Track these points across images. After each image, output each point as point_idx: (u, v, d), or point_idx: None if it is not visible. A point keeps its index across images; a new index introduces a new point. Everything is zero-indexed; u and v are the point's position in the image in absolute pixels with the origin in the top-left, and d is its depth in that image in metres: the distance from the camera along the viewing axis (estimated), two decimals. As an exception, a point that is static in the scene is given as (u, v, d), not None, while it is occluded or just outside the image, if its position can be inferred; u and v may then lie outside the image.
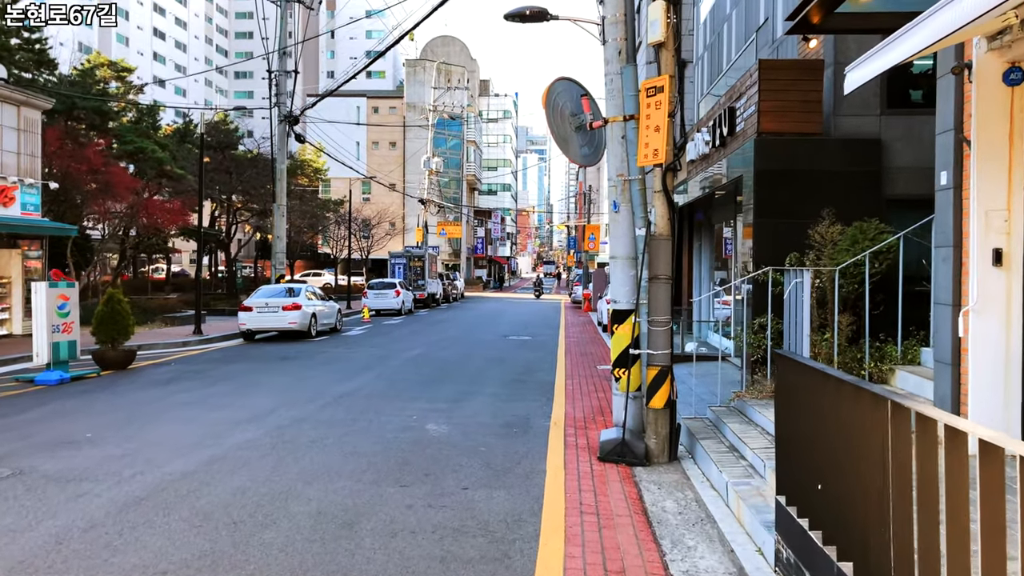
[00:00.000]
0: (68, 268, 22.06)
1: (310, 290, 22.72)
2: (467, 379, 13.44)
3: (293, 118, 26.44)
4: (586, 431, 9.18)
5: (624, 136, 9.22)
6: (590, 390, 12.42)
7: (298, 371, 14.43)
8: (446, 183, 63.54)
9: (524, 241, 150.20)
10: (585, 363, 16.22)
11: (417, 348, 18.78)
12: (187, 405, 10.66)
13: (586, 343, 20.84)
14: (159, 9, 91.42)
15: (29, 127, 19.37)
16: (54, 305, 13.48)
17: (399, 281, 34.14)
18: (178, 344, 19.28)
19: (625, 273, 9.16)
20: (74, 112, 30.12)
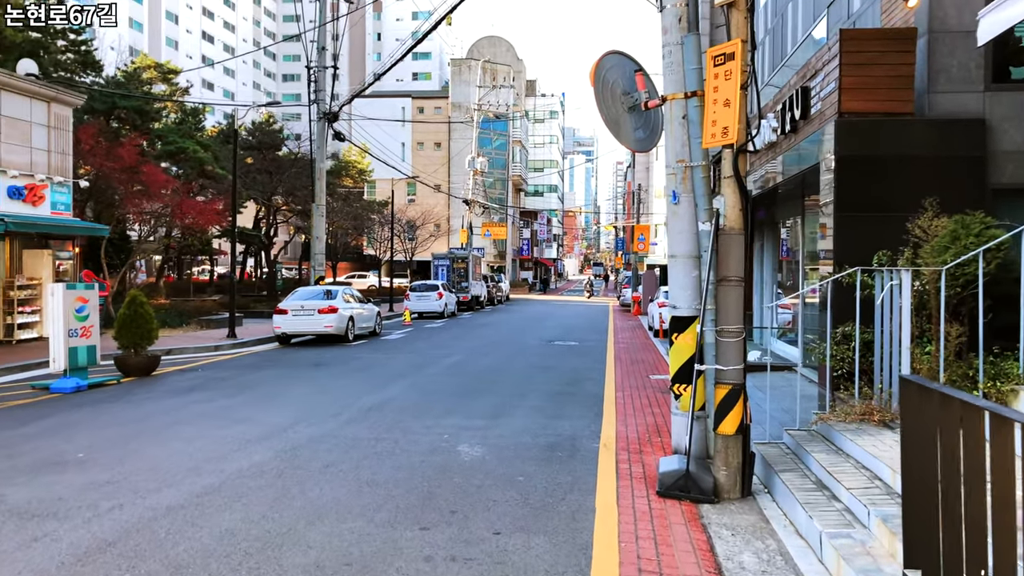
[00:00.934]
0: (101, 269, 21.53)
1: (348, 292, 21.84)
2: (507, 390, 12.31)
3: (332, 115, 25.65)
4: (641, 456, 7.98)
5: (685, 116, 8.02)
6: (643, 404, 11.19)
7: (327, 380, 13.46)
8: (491, 184, 62.55)
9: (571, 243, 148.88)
10: (637, 372, 14.97)
11: (457, 354, 17.71)
12: (200, 419, 9.72)
13: (637, 349, 19.56)
14: (208, 13, 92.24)
15: (60, 124, 18.81)
16: (72, 308, 12.71)
17: (442, 283, 33.18)
18: (210, 348, 18.51)
19: (686, 274, 7.95)
20: (115, 112, 29.81)
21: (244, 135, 43.43)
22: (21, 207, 17.46)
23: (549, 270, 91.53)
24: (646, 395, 12.11)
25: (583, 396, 11.87)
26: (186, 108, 42.60)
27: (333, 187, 48.44)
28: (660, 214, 55.40)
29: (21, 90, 17.66)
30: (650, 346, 20.61)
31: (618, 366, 15.86)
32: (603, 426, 9.48)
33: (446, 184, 59.05)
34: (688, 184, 8.05)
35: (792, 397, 10.83)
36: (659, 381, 13.77)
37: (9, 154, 17.39)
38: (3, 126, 17.27)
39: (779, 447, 7.58)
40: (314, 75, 26.26)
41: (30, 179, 17.71)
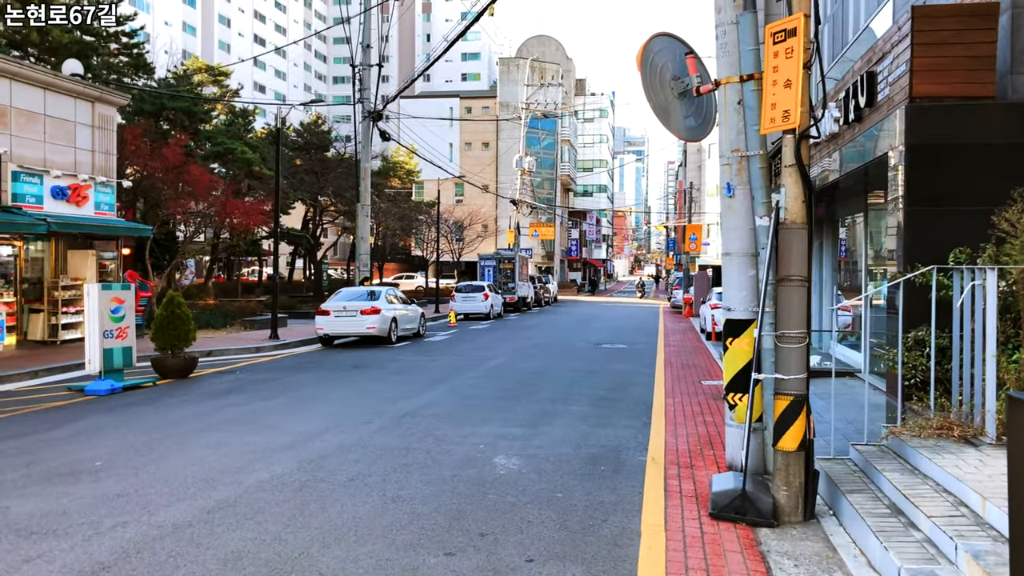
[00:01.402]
0: (147, 270, 21.54)
1: (391, 293, 21.50)
2: (550, 395, 11.73)
3: (377, 114, 25.38)
4: (692, 471, 7.34)
5: (741, 101, 7.38)
6: (695, 412, 10.51)
7: (365, 383, 13.04)
8: (539, 183, 61.95)
9: (621, 243, 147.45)
10: (688, 377, 14.26)
11: (500, 357, 17.19)
12: (229, 424, 9.35)
13: (688, 353, 18.81)
14: (259, 16, 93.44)
15: (104, 124, 18.79)
16: (107, 309, 12.51)
17: (487, 284, 32.72)
18: (251, 350, 18.30)
19: (742, 273, 7.31)
20: (163, 113, 30.00)
21: (292, 136, 43.59)
22: (65, 207, 17.46)
23: (598, 271, 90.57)
24: (697, 402, 11.42)
25: (630, 403, 11.23)
26: (235, 110, 42.92)
27: (381, 188, 48.40)
28: (712, 213, 54.20)
29: (66, 90, 17.67)
30: (702, 350, 19.83)
31: (668, 371, 15.17)
32: (651, 436, 8.86)
33: (493, 184, 58.66)
34: (744, 175, 7.41)
35: (856, 406, 10.08)
36: (711, 387, 13.06)
37: (53, 154, 17.40)
38: (47, 126, 17.28)
39: (845, 464, 6.87)
40: (359, 74, 26.05)
41: (73, 179, 17.70)
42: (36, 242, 18.49)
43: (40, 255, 18.52)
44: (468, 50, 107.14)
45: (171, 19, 75.11)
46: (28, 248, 18.41)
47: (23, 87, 16.57)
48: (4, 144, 16.07)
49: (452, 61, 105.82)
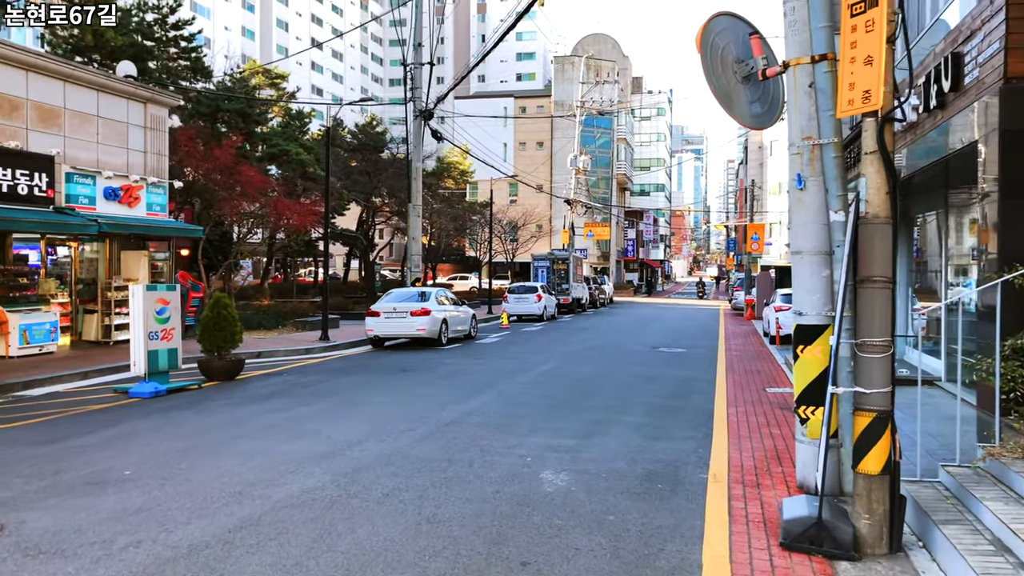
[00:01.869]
0: (199, 270, 21.54)
1: (442, 294, 21.10)
2: (604, 403, 11.12)
3: (428, 112, 25.04)
4: (759, 491, 6.66)
5: (812, 84, 6.72)
6: (760, 423, 9.79)
7: (411, 387, 12.60)
8: (594, 183, 61.12)
9: (679, 244, 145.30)
10: (751, 384, 13.49)
11: (552, 361, 16.62)
12: (267, 431, 8.98)
13: (751, 358, 17.96)
14: (316, 19, 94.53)
15: (156, 125, 18.79)
16: (152, 310, 12.32)
17: (541, 285, 32.13)
18: (300, 351, 18.08)
19: (814, 274, 6.64)
20: (218, 114, 30.20)
21: (347, 138, 43.72)
22: (117, 208, 17.47)
23: (655, 272, 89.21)
24: (762, 412, 10.68)
25: (690, 412, 10.55)
26: (291, 112, 43.26)
27: (435, 188, 48.30)
28: (775, 212, 52.69)
29: (118, 91, 17.69)
30: (765, 354, 18.95)
31: (730, 377, 14.40)
32: (713, 450, 8.19)
33: (548, 184, 58.07)
34: (816, 166, 6.75)
35: (937, 418, 9.25)
36: (777, 395, 12.28)
37: (106, 155, 17.43)
38: (100, 127, 17.31)
39: (935, 488, 6.12)
40: (411, 72, 25.75)
41: (125, 180, 17.71)
42: (90, 243, 18.59)
43: (94, 256, 18.62)
44: (523, 50, 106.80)
45: (231, 24, 76.40)
46: (83, 249, 18.52)
47: (77, 89, 16.61)
48: (58, 145, 16.12)
49: (507, 61, 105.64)
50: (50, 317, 16.05)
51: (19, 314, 15.35)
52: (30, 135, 15.66)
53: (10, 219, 14.32)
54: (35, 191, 15.30)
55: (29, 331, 15.52)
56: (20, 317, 15.34)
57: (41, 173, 15.42)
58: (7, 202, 14.69)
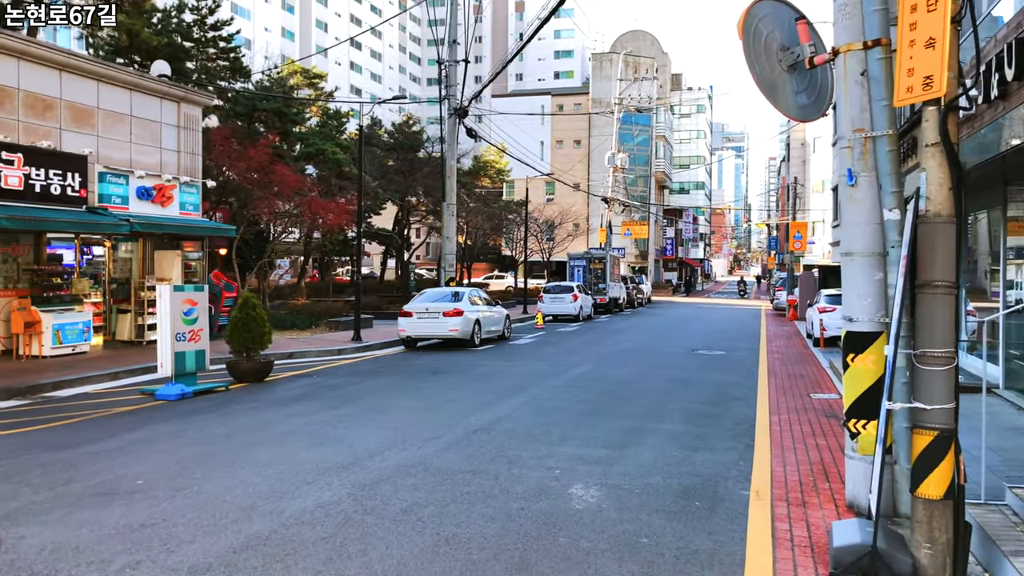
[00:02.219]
0: (233, 270, 21.47)
1: (475, 294, 20.76)
2: (639, 409, 10.66)
3: (462, 110, 24.73)
4: (804, 510, 6.18)
5: (865, 72, 6.23)
6: (805, 432, 9.26)
7: (441, 390, 12.26)
8: (632, 181, 60.36)
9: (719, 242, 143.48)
10: (795, 389, 12.92)
11: (587, 363, 16.18)
12: (288, 437, 8.69)
13: (794, 361, 17.33)
14: (355, 20, 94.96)
15: (189, 124, 18.73)
16: (179, 311, 12.14)
17: (577, 285, 31.64)
18: (332, 352, 17.87)
19: (866, 277, 6.16)
20: (254, 114, 30.24)
21: (384, 137, 43.64)
22: (150, 208, 17.42)
23: (695, 271, 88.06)
24: (807, 420, 10.15)
25: (730, 420, 10.05)
26: (329, 112, 43.34)
27: (471, 187, 48.04)
28: (818, 210, 51.54)
29: (151, 91, 17.65)
30: (809, 357, 18.30)
31: (772, 381, 13.84)
32: (755, 462, 7.71)
33: (585, 182, 57.48)
34: (869, 160, 6.26)
35: (998, 430, 8.69)
36: (822, 401, 11.72)
37: (139, 155, 17.39)
38: (134, 127, 17.28)
39: (1001, 513, 5.59)
40: (446, 70, 25.47)
41: (158, 179, 17.65)
42: (125, 243, 18.59)
43: (128, 256, 18.62)
44: (561, 48, 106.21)
45: (270, 25, 77.03)
46: (117, 249, 18.52)
47: (110, 88, 16.58)
48: (91, 145, 16.09)
49: (544, 60, 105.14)
50: (83, 317, 16.03)
51: (52, 314, 15.33)
52: (63, 135, 15.64)
53: (42, 219, 14.29)
54: (68, 191, 15.28)
55: (62, 331, 15.50)
56: (53, 317, 15.32)
57: (74, 173, 15.39)
58: (40, 202, 14.68)
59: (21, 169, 14.37)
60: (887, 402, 5.09)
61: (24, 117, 14.87)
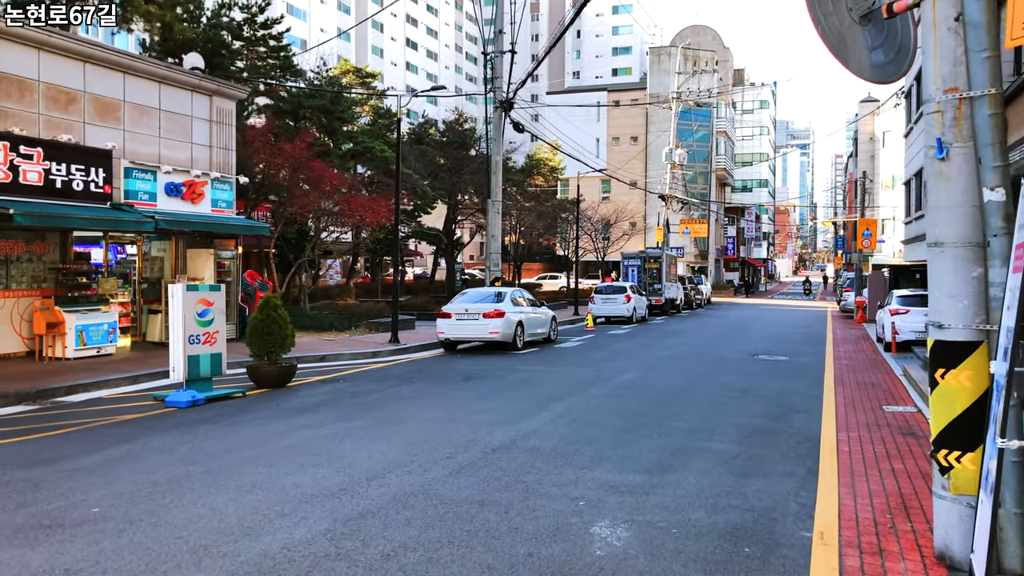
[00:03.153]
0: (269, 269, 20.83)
1: (519, 295, 19.72)
2: (687, 425, 9.47)
3: (508, 103, 23.72)
4: (882, 559, 4.98)
5: (960, 16, 5.02)
6: (879, 454, 7.97)
7: (469, 400, 11.24)
8: (692, 178, 58.50)
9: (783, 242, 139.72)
10: (865, 401, 11.54)
11: (634, 370, 14.98)
12: (285, 454, 7.77)
13: (863, 367, 15.85)
14: (412, 20, 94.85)
15: (222, 118, 18.12)
16: (193, 312, 11.39)
17: (630, 285, 30.30)
18: (367, 355, 17.03)
19: (960, 272, 4.96)
20: (299, 111, 29.76)
21: (436, 136, 42.98)
22: (180, 205, 16.84)
23: (758, 271, 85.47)
24: (880, 437, 8.84)
25: (791, 438, 8.80)
26: (380, 111, 42.89)
27: (523, 186, 47.04)
28: (888, 207, 49.09)
29: (181, 83, 17.07)
30: (880, 363, 16.77)
31: (840, 391, 12.46)
32: (819, 494, 6.49)
33: (642, 180, 55.93)
34: (964, 128, 5.05)
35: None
36: (897, 415, 10.35)
37: (168, 150, 16.82)
38: (162, 121, 16.71)
39: None
40: (491, 61, 24.53)
41: (187, 175, 17.05)
42: (158, 241, 18.10)
43: (160, 254, 18.11)
44: (619, 44, 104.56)
45: (326, 26, 77.28)
46: (148, 247, 18.03)
47: (137, 81, 16.03)
48: (116, 139, 15.55)
49: (602, 57, 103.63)
50: (108, 317, 15.49)
51: (76, 314, 14.81)
52: (87, 129, 15.12)
53: (60, 215, 13.75)
54: (91, 187, 14.74)
55: (86, 332, 14.97)
56: (77, 318, 14.80)
57: (97, 168, 14.85)
58: (61, 198, 14.16)
59: (41, 164, 13.86)
60: (1000, 440, 3.87)
61: (45, 110, 14.38)
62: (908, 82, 28.46)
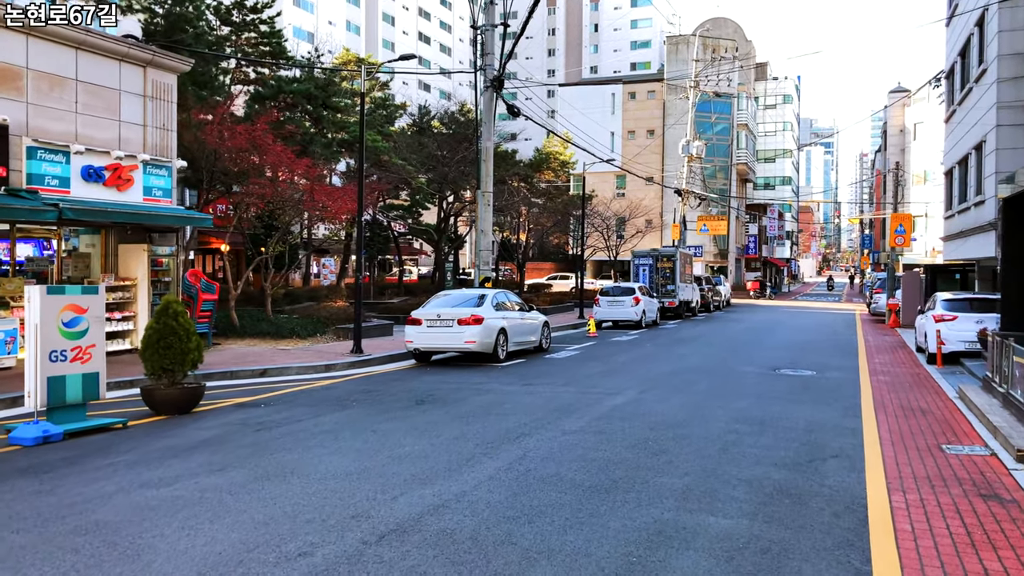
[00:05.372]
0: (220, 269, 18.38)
1: (505, 298, 17.16)
2: (680, 482, 6.84)
3: (498, 81, 21.14)
4: None
5: None
6: (956, 534, 5.36)
7: (400, 437, 8.66)
8: (711, 173, 55.49)
9: (807, 241, 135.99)
10: (917, 435, 8.87)
11: (630, 389, 12.35)
12: (63, 539, 5.28)
13: (906, 386, 13.12)
14: (424, 13, 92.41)
15: (159, 94, 15.69)
16: (56, 321, 8.93)
17: (639, 286, 27.51)
18: (318, 369, 14.54)
19: None
20: (280, 97, 27.37)
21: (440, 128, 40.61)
22: (101, 191, 14.42)
23: (780, 271, 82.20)
24: (950, 503, 6.25)
25: (826, 505, 6.16)
26: (376, 101, 40.68)
27: (532, 180, 44.42)
28: (919, 203, 45.98)
29: (104, 51, 14.64)
30: (925, 380, 14.05)
31: (883, 421, 9.79)
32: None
33: (659, 175, 53.09)
34: None
35: None
36: (965, 461, 7.73)
37: (88, 128, 14.41)
38: (80, 94, 14.29)
39: None
40: (481, 36, 21.99)
41: (108, 157, 14.61)
42: (87, 235, 15.74)
43: (88, 251, 15.73)
44: (638, 38, 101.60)
45: (335, 19, 75.08)
46: (77, 242, 15.67)
47: (43, 45, 13.59)
48: (13, 113, 13.12)
49: (620, 51, 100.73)
50: (7, 325, 13.09)
51: (-42, 322, 12.43)
52: (-27, 100, 12.73)
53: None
54: (-23, 169, 12.34)
55: (-27, 342, 12.59)
56: (-41, 325, 12.42)
57: (-13, 146, 12.45)
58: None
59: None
60: None
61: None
62: (949, 62, 25.59)
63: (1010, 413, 9.77)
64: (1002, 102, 17.71)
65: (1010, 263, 13.10)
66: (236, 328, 18.10)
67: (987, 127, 18.49)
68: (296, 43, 55.29)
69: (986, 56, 19.07)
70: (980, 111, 19.42)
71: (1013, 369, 10.10)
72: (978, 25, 20.20)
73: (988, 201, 18.90)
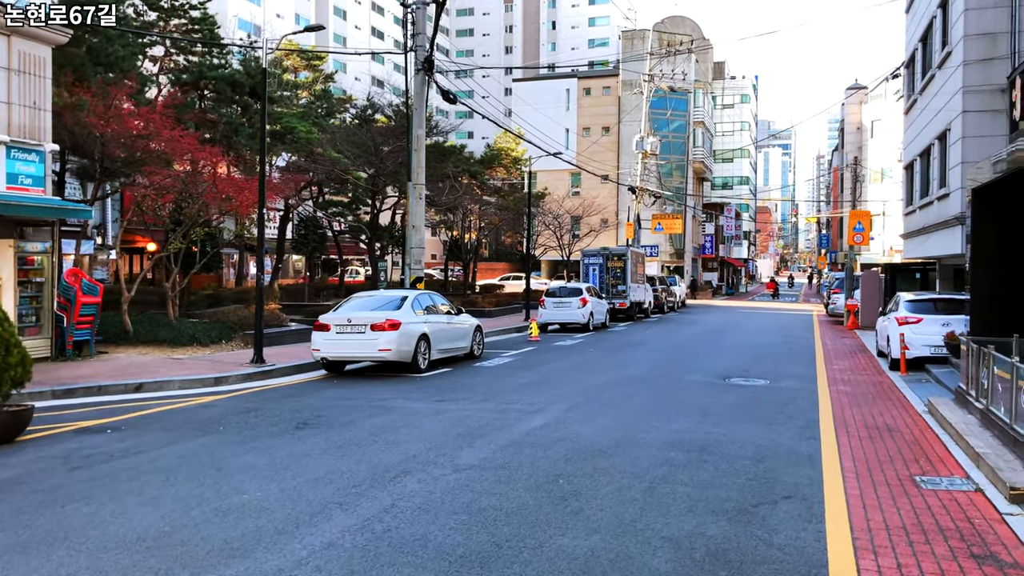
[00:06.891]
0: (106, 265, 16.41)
1: (430, 300, 15.44)
2: (586, 544, 5.16)
3: (429, 62, 19.40)
4: None
5: None
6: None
7: (243, 480, 6.87)
8: (668, 172, 54.24)
9: (765, 242, 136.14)
10: (887, 465, 7.34)
11: (556, 405, 10.69)
12: None
13: (870, 398, 11.65)
14: (377, 8, 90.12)
15: (28, 68, 13.68)
16: None
17: (587, 287, 25.88)
18: (208, 382, 12.67)
19: None
20: (201, 83, 25.32)
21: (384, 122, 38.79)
22: (-52, 178, 12.41)
23: (738, 271, 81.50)
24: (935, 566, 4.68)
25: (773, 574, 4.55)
26: (316, 92, 38.90)
27: (482, 178, 42.73)
28: (876, 202, 45.16)
29: (-47, 14, 12.63)
30: (889, 389, 12.64)
31: (846, 443, 8.27)
32: None
33: (614, 173, 51.69)
34: None
35: None
36: (946, 499, 6.21)
37: (-68, 104, 12.39)
38: (-79, 64, 12.27)
39: None
40: (411, 15, 20.24)
41: (-44, 138, 12.63)
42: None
43: (-56, 247, 13.67)
44: (596, 36, 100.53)
45: (283, 11, 72.56)
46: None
47: None
48: None
49: (578, 48, 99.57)
50: None
51: None
52: None
53: None
54: None
55: None
56: None
57: None
58: None
59: None
60: None
61: None
62: (909, 49, 24.43)
63: (992, 435, 8.30)
64: (968, 86, 16.41)
65: (980, 260, 11.74)
66: (129, 335, 16.12)
67: (952, 113, 17.20)
68: (244, 36, 53.00)
69: (950, 38, 17.80)
70: (944, 97, 18.14)
71: (994, 382, 8.64)
72: (941, 7, 18.95)
73: (953, 194, 17.63)
